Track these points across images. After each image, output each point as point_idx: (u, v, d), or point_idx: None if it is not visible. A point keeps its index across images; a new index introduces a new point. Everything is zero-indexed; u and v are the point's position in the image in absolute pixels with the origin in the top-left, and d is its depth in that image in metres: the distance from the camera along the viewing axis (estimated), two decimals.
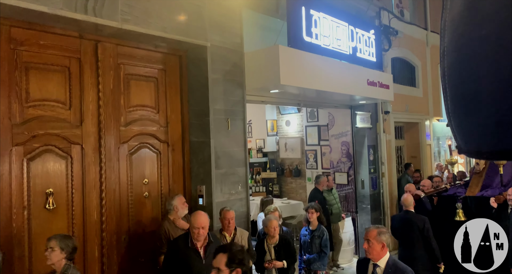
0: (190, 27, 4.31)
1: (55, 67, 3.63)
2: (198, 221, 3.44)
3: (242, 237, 4.16)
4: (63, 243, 2.93)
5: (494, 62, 0.49)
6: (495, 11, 0.49)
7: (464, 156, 6.47)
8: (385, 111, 8.14)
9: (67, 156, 3.64)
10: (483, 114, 0.50)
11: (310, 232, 5.06)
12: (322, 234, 4.98)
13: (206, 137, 4.49)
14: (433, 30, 10.17)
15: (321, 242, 4.96)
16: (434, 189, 6.30)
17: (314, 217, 5.04)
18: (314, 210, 5.06)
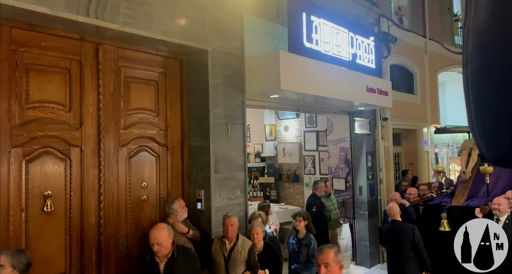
0: (192, 31, 4.32)
1: (55, 69, 3.62)
2: (151, 236, 3.29)
3: (243, 247, 3.99)
4: (15, 260, 2.58)
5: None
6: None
7: None
8: (384, 118, 8.17)
9: (66, 158, 3.62)
10: None
11: (297, 241, 4.90)
12: (309, 243, 4.82)
13: (206, 141, 4.48)
14: (432, 37, 10.25)
15: (308, 252, 4.79)
16: (420, 198, 6.18)
17: (301, 225, 4.89)
18: (302, 218, 4.90)
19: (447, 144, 11.82)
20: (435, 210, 5.48)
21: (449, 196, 6.15)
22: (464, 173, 6.08)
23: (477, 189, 5.89)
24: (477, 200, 5.56)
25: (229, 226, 3.97)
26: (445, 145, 11.78)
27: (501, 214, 4.59)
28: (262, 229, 4.25)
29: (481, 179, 5.80)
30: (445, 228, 4.92)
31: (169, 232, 3.37)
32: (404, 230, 4.69)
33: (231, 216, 4.04)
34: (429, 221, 5.41)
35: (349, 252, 7.36)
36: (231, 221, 3.98)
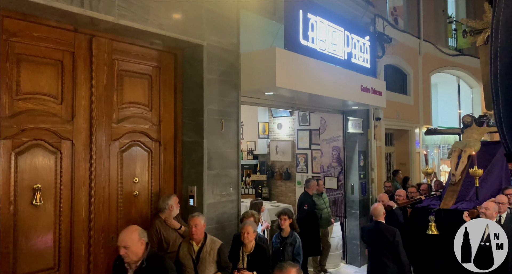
0: (187, 26, 4.27)
1: (47, 60, 3.55)
2: (118, 238, 2.99)
3: (212, 248, 3.73)
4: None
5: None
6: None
7: None
8: (377, 118, 8.20)
9: (56, 151, 3.56)
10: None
11: (281, 240, 4.81)
12: (294, 242, 4.74)
13: (199, 137, 4.44)
14: (426, 39, 10.29)
15: (293, 250, 4.71)
16: (408, 200, 6.02)
17: (286, 224, 4.81)
18: (287, 216, 4.81)
19: (438, 145, 11.90)
20: (423, 213, 5.36)
21: (438, 198, 6.05)
22: (453, 176, 6.00)
23: (466, 192, 5.80)
24: (465, 203, 5.47)
25: (193, 227, 3.69)
26: (436, 146, 11.86)
27: (488, 219, 4.37)
28: (254, 228, 4.11)
29: (471, 182, 5.69)
30: (433, 231, 4.81)
31: (141, 236, 3.04)
32: (385, 232, 4.60)
33: (195, 216, 3.76)
34: (417, 224, 5.30)
35: (340, 251, 7.38)
36: (195, 221, 3.70)
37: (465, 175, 5.87)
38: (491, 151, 6.20)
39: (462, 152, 6.03)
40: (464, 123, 6.42)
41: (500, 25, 0.51)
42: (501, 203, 4.80)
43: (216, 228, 4.48)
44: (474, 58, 12.17)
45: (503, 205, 4.84)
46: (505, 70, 0.50)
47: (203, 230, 3.77)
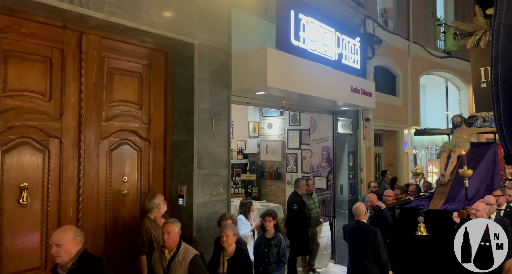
0: (178, 24, 4.24)
1: (36, 56, 3.49)
2: (52, 236, 2.76)
3: (184, 257, 3.46)
4: None
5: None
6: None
7: None
8: (366, 118, 8.26)
9: (44, 149, 3.51)
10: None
11: (266, 241, 4.68)
12: (279, 243, 4.64)
13: (190, 137, 4.41)
14: (415, 41, 10.39)
15: (279, 251, 4.62)
16: (397, 201, 5.90)
17: (271, 225, 4.69)
18: (271, 218, 4.70)
19: (426, 146, 12.02)
20: (412, 213, 5.24)
21: (427, 199, 5.91)
22: (442, 176, 5.90)
23: (455, 192, 5.71)
24: (455, 204, 5.37)
25: (165, 234, 3.46)
26: (424, 147, 11.99)
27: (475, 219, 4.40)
28: (233, 232, 3.92)
29: (460, 182, 5.59)
30: (422, 232, 4.72)
31: (76, 235, 2.78)
32: (367, 232, 4.54)
33: (169, 222, 3.53)
34: (406, 225, 5.19)
35: (329, 251, 7.41)
36: (168, 228, 3.48)
37: (454, 176, 5.81)
38: (480, 151, 6.19)
39: (452, 153, 5.96)
40: (453, 123, 6.35)
41: (502, 28, 0.52)
42: (490, 204, 4.77)
43: (205, 228, 4.46)
44: (462, 60, 12.35)
45: (492, 206, 4.79)
46: (505, 73, 0.50)
47: (177, 238, 3.53)
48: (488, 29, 3.52)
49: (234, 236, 3.91)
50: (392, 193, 6.14)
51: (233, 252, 3.90)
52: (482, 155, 6.10)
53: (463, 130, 6.15)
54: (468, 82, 12.84)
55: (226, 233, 3.87)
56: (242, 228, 5.69)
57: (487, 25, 3.51)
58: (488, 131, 6.91)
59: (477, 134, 8.60)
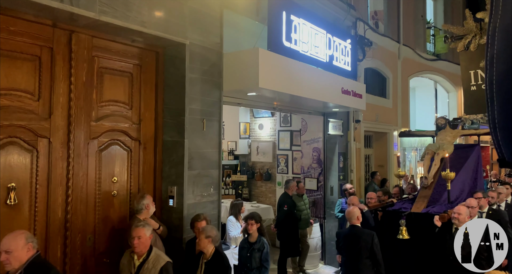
0: (170, 24, 4.22)
1: (24, 55, 3.45)
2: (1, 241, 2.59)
3: (154, 265, 3.28)
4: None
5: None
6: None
7: None
8: (356, 120, 8.30)
9: (32, 149, 3.46)
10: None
11: (249, 245, 4.52)
12: (262, 247, 4.46)
13: (180, 137, 4.39)
14: (405, 43, 10.48)
15: (261, 256, 4.44)
16: (380, 203, 5.79)
17: (254, 228, 4.51)
18: (254, 221, 4.53)
19: (415, 148, 12.13)
20: (395, 216, 5.13)
21: (410, 202, 5.81)
22: (425, 179, 5.83)
23: (438, 195, 5.64)
24: (437, 206, 5.31)
25: (135, 239, 3.26)
26: (413, 149, 12.10)
27: (460, 223, 4.31)
28: (206, 234, 3.68)
29: (443, 185, 5.52)
30: (404, 236, 4.61)
31: (28, 240, 2.62)
32: (363, 236, 4.41)
33: (140, 226, 3.33)
34: (388, 228, 5.09)
35: (319, 252, 7.43)
36: (138, 233, 3.27)
37: (437, 178, 5.77)
38: (464, 154, 6.17)
39: (435, 155, 5.93)
40: (438, 125, 6.35)
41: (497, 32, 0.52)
42: (471, 207, 4.73)
43: None
44: (451, 63, 12.50)
45: (473, 209, 4.78)
46: (501, 77, 0.51)
47: (148, 243, 3.35)
48: (478, 33, 3.56)
49: (207, 238, 3.68)
50: (374, 196, 6.04)
51: (211, 256, 3.71)
52: (466, 157, 6.10)
53: (447, 132, 6.14)
54: (457, 85, 13.02)
55: (198, 236, 3.71)
56: (233, 229, 5.68)
57: (477, 29, 3.56)
58: (473, 133, 6.93)
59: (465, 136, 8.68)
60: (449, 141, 6.02)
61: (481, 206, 5.28)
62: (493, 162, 16.05)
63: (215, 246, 3.74)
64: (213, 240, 3.71)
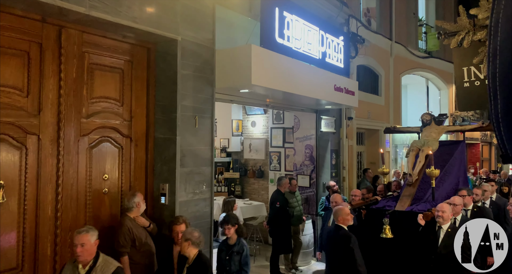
0: (162, 19, 4.17)
1: (13, 50, 3.38)
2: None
3: (103, 271, 3.07)
4: None
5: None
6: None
7: None
8: (349, 117, 8.32)
9: (21, 146, 3.40)
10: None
11: (227, 248, 4.31)
12: (242, 250, 4.25)
13: (172, 134, 4.35)
14: (397, 41, 10.51)
15: (240, 259, 4.22)
16: (363, 201, 5.61)
17: (231, 232, 4.30)
18: (230, 225, 4.29)
19: (407, 145, 12.20)
20: (379, 214, 4.98)
21: (395, 199, 5.62)
22: (410, 176, 5.64)
23: (423, 193, 5.50)
24: (421, 204, 5.17)
25: (78, 246, 3.04)
26: (405, 145, 12.16)
27: (444, 222, 4.24)
28: (186, 236, 3.53)
29: (428, 182, 5.39)
30: (387, 235, 4.47)
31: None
32: (343, 238, 4.15)
33: (83, 232, 3.09)
34: (372, 227, 4.95)
35: (311, 249, 7.45)
36: (81, 239, 3.04)
37: (422, 176, 5.60)
38: (449, 151, 6.05)
39: (420, 152, 5.73)
40: (423, 121, 6.13)
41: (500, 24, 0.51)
42: (455, 205, 4.62)
43: None
44: (443, 60, 12.57)
45: (456, 207, 4.65)
46: (504, 69, 0.49)
47: (94, 250, 3.10)
48: (471, 29, 3.57)
49: (186, 241, 3.50)
50: (359, 193, 5.87)
51: (193, 260, 3.53)
52: (451, 154, 5.97)
53: (432, 129, 5.97)
54: (448, 83, 13.11)
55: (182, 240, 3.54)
56: None
57: (471, 25, 3.57)
58: (458, 130, 6.85)
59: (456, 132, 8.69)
60: (434, 138, 5.87)
61: (466, 203, 5.13)
62: (483, 159, 16.23)
63: (198, 250, 3.57)
64: (193, 243, 3.51)
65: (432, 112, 6.29)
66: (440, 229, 4.27)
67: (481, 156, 15.93)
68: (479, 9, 3.39)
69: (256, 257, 7.49)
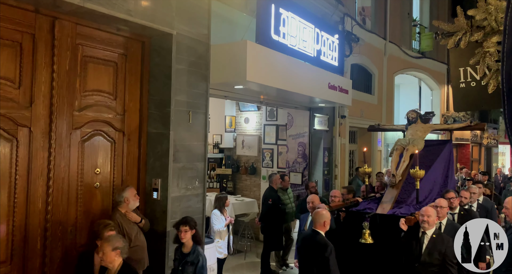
0: (157, 13, 4.13)
1: (4, 41, 3.32)
2: None
3: None
4: None
5: None
6: None
7: None
8: (342, 115, 8.35)
9: (12, 139, 3.35)
10: None
11: (181, 257, 3.76)
12: (197, 260, 3.69)
13: (166, 129, 4.32)
14: (391, 40, 10.56)
15: (195, 271, 3.67)
16: (343, 203, 5.17)
17: (188, 236, 3.72)
18: (188, 227, 3.72)
19: None
20: (359, 217, 4.59)
21: (376, 201, 5.23)
22: (393, 177, 5.20)
23: (406, 195, 5.14)
24: (405, 207, 4.81)
25: None
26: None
27: (429, 227, 3.89)
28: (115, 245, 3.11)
29: (412, 183, 5.05)
30: (367, 240, 4.06)
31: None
32: (321, 245, 3.69)
33: None
34: (351, 231, 4.55)
35: None
36: None
37: (406, 176, 5.20)
38: (435, 150, 5.72)
39: (405, 151, 5.33)
40: (408, 119, 5.77)
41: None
42: (440, 207, 4.29)
43: None
44: (436, 61, 12.67)
45: (442, 210, 4.32)
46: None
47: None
48: (469, 30, 3.60)
49: (114, 251, 3.09)
50: (339, 194, 5.44)
51: (118, 271, 3.11)
52: (437, 154, 5.65)
53: (418, 127, 5.64)
54: (440, 83, 13.21)
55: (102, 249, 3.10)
56: (217, 222, 5.66)
57: (468, 26, 3.59)
58: (444, 129, 6.64)
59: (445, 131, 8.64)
60: (419, 136, 5.52)
61: (454, 207, 4.83)
62: (473, 159, 16.40)
63: (123, 259, 3.17)
64: (122, 252, 3.15)
65: (418, 109, 6.05)
66: (424, 235, 3.91)
67: (471, 156, 16.10)
68: (477, 10, 3.40)
69: (247, 253, 7.50)
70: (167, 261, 4.24)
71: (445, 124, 6.50)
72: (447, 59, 12.95)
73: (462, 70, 4.58)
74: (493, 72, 3.58)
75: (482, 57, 3.62)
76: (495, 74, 3.52)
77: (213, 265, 5.26)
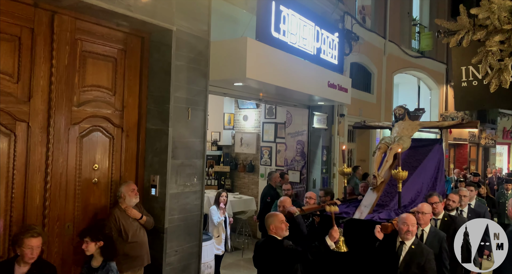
0: (157, 9, 4.11)
1: (3, 35, 3.30)
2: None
3: None
4: None
5: None
6: None
7: None
8: (341, 114, 8.35)
9: (10, 133, 3.33)
10: None
11: (89, 271, 3.23)
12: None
13: (165, 125, 4.31)
14: (391, 39, 10.55)
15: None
16: (318, 205, 4.76)
17: (90, 249, 3.18)
18: (89, 238, 3.18)
19: None
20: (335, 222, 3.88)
21: (356, 204, 4.84)
22: (374, 178, 4.74)
23: (389, 198, 4.73)
24: (385, 212, 4.37)
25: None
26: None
27: (412, 237, 3.51)
28: None
29: (396, 186, 4.59)
30: (340, 248, 3.46)
31: None
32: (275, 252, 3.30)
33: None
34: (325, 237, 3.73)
35: None
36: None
37: (389, 178, 4.80)
38: (423, 150, 5.34)
39: (388, 150, 4.89)
40: (395, 115, 5.32)
41: None
42: (422, 213, 3.85)
43: (178, 219, 4.39)
44: (435, 61, 12.66)
45: (425, 216, 3.86)
46: None
47: None
48: (471, 29, 3.57)
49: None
50: (314, 196, 4.95)
51: None
52: (426, 154, 5.27)
53: (406, 124, 5.17)
54: (439, 83, 13.22)
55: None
56: (215, 215, 5.68)
57: (470, 25, 3.58)
58: (433, 126, 6.39)
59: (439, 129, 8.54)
60: (406, 135, 5.06)
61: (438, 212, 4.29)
62: (471, 159, 16.44)
63: None
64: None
65: (406, 105, 5.45)
66: (402, 245, 3.50)
67: (468, 157, 16.13)
68: (480, 9, 3.38)
69: (245, 251, 7.49)
70: (165, 258, 4.23)
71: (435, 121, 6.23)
72: (447, 58, 12.98)
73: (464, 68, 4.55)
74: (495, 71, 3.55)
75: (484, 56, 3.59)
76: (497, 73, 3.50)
77: (211, 262, 5.26)
